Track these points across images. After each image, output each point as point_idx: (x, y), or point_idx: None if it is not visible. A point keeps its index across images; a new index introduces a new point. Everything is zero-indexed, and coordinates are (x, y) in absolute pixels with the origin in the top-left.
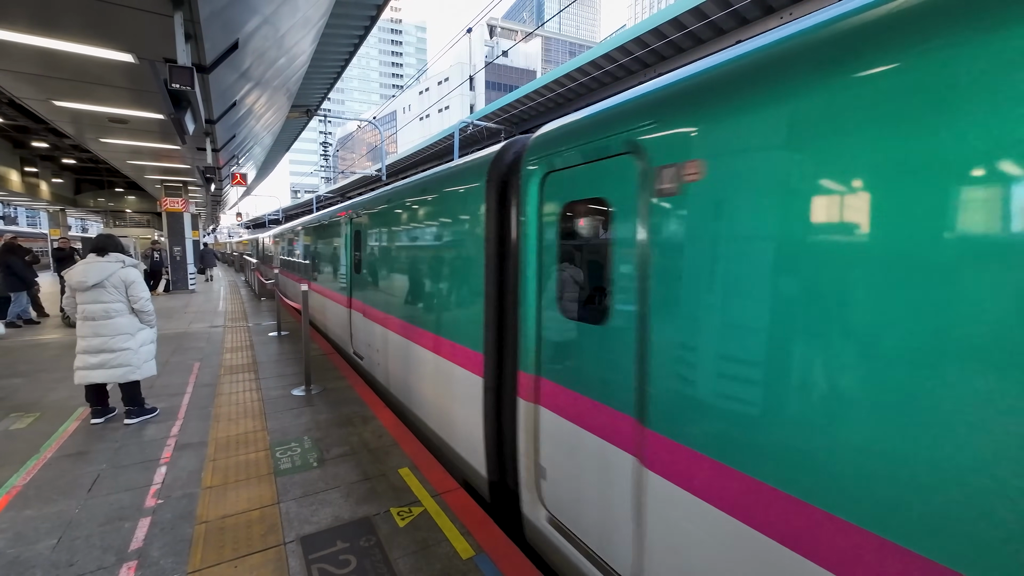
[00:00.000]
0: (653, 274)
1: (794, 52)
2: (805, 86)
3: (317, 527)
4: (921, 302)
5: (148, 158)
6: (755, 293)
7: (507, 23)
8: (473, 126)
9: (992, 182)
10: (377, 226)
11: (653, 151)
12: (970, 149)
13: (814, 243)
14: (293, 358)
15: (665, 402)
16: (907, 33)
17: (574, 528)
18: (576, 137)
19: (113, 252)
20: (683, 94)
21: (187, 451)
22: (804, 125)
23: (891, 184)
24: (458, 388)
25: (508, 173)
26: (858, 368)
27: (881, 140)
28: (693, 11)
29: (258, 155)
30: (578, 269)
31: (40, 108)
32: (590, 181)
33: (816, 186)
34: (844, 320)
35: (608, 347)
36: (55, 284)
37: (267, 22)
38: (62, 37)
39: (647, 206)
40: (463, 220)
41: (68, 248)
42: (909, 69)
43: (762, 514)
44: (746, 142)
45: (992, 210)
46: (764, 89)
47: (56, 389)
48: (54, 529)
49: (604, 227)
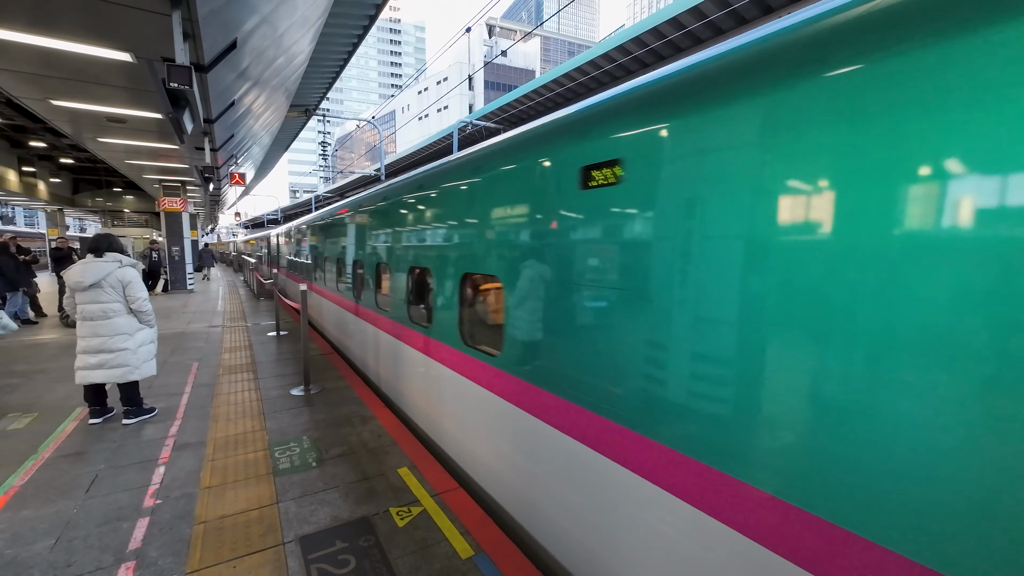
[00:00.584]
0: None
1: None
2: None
3: (316, 527)
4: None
5: (146, 158)
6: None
7: (506, 23)
8: (472, 126)
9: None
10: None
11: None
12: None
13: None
14: (292, 358)
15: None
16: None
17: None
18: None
19: (110, 252)
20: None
21: (186, 451)
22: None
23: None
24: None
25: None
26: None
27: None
28: (692, 11)
29: (257, 155)
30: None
31: (38, 107)
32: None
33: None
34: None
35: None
36: (53, 284)
37: (265, 21)
38: (60, 36)
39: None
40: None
41: (66, 248)
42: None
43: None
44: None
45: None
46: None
47: (54, 389)
48: (52, 529)
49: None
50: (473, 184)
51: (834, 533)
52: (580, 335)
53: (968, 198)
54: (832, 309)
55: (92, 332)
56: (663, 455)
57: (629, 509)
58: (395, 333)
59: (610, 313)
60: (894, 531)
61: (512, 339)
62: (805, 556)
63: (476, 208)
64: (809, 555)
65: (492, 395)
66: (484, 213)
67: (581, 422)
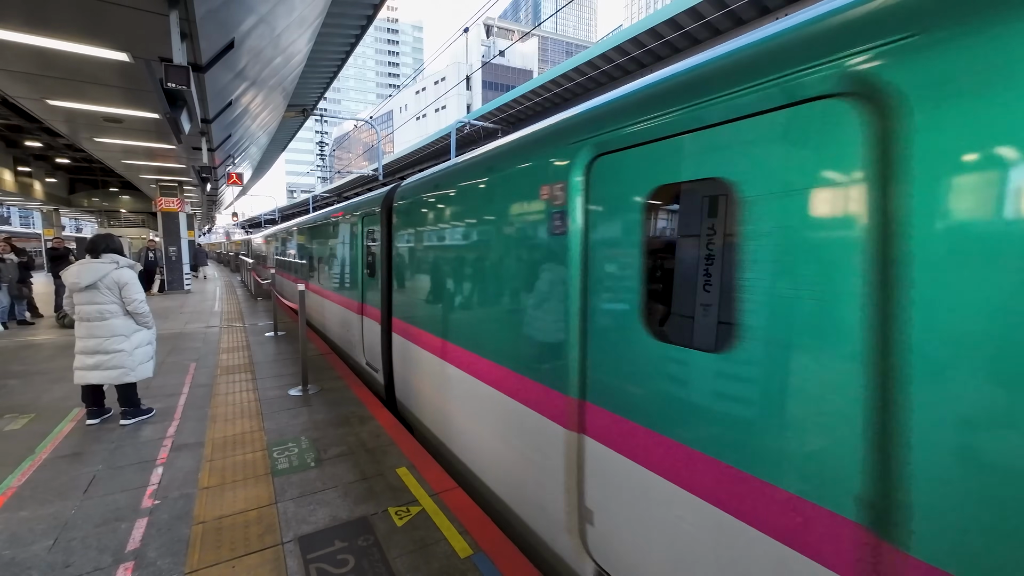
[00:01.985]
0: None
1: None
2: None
3: (315, 527)
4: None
5: (143, 158)
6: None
7: (504, 23)
8: (470, 126)
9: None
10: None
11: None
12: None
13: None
14: (290, 358)
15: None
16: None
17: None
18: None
19: (107, 252)
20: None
21: (184, 452)
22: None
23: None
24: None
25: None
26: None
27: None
28: (689, 11)
29: (254, 155)
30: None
31: (34, 107)
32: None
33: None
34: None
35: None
36: (49, 285)
37: (263, 21)
38: (56, 36)
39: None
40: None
41: (63, 248)
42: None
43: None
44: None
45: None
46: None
47: (51, 390)
48: (50, 530)
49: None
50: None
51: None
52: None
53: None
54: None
55: (89, 333)
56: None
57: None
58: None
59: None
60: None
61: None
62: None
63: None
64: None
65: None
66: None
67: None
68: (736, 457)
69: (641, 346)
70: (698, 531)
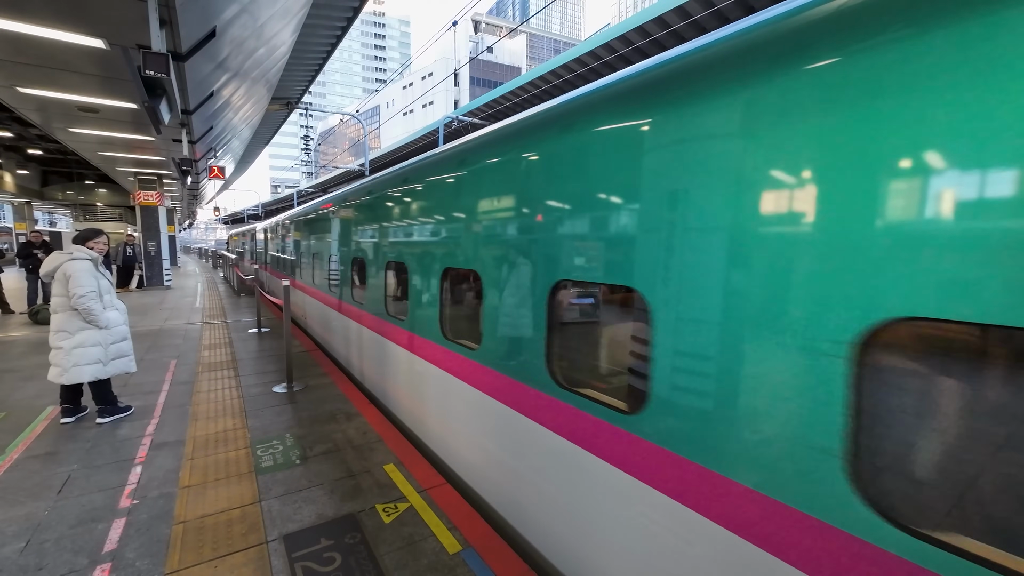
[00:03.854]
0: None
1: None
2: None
3: (300, 525)
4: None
5: (120, 149)
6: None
7: (492, 19)
8: (458, 121)
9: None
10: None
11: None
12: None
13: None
14: (274, 355)
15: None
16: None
17: None
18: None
19: (77, 244)
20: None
21: (164, 450)
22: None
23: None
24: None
25: None
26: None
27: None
28: (677, 10)
29: (237, 148)
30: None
31: (3, 95)
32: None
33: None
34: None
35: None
36: (20, 280)
37: (245, 11)
38: (28, 20)
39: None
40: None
41: (39, 240)
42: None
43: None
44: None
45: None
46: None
47: (23, 388)
48: (21, 532)
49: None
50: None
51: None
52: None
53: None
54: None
55: (52, 327)
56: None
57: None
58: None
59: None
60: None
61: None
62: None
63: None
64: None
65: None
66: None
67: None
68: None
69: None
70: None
